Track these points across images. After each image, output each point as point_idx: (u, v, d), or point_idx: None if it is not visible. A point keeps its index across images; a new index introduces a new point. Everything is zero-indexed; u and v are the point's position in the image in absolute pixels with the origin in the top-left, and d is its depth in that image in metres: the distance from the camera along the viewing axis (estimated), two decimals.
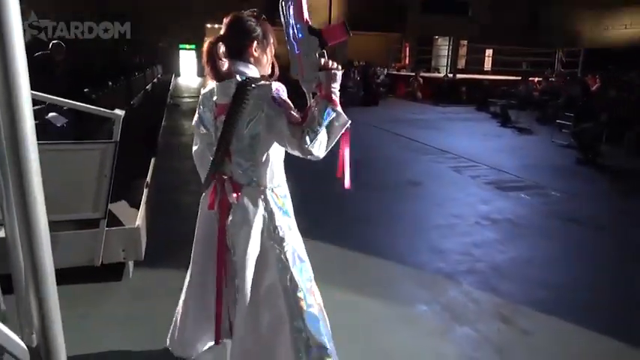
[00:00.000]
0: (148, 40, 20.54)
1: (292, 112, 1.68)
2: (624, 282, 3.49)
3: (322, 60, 1.67)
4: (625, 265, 3.77)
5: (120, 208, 3.65)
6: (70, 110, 4.92)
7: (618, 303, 3.15)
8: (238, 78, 1.74)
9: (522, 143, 9.42)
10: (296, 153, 1.68)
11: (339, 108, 1.65)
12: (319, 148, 1.64)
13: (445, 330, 2.70)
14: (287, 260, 1.81)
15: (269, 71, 1.87)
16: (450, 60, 19.11)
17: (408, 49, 24.13)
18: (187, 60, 27.37)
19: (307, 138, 1.60)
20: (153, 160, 5.02)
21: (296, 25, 1.68)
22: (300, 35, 1.68)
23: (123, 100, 8.98)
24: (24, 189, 0.69)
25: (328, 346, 1.82)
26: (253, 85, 1.70)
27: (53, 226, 0.90)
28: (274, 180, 1.84)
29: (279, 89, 1.72)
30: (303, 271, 1.86)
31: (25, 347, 0.71)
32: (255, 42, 1.78)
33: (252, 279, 1.82)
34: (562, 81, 13.76)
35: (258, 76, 1.79)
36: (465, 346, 2.56)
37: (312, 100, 1.72)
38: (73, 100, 2.99)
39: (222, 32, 1.80)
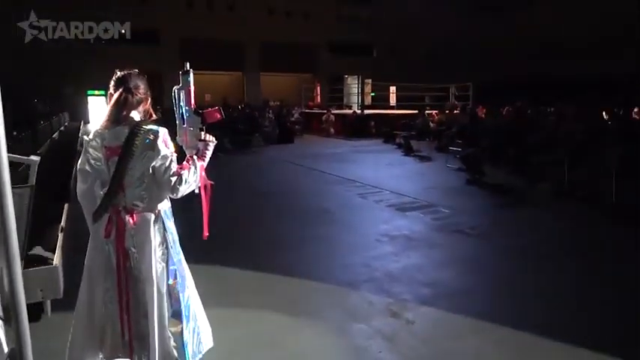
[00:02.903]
0: (53, 87, 19.85)
1: (174, 160, 2.20)
2: (497, 277, 4.20)
3: (202, 134, 2.28)
4: (497, 263, 4.52)
5: (36, 253, 3.75)
6: None
7: (489, 291, 3.82)
8: (127, 123, 2.19)
9: (422, 169, 10.45)
10: (163, 187, 2.20)
11: (203, 172, 2.28)
12: (182, 192, 2.21)
13: (343, 327, 3.16)
14: (168, 276, 2.30)
15: (148, 118, 2.34)
16: (358, 97, 20.52)
17: (319, 88, 25.45)
18: (97, 106, 26.50)
19: (182, 182, 2.17)
20: (66, 206, 5.09)
21: (185, 107, 2.27)
22: (187, 114, 2.27)
23: (30, 149, 8.75)
24: None
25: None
26: (144, 129, 2.16)
27: None
28: (164, 204, 2.30)
29: (166, 134, 2.21)
30: (181, 285, 2.35)
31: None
32: (148, 97, 2.31)
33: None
34: (453, 112, 15.38)
35: (145, 121, 2.25)
36: (359, 339, 3.03)
37: (190, 159, 2.27)
38: None
39: (126, 85, 2.22)
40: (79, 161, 2.32)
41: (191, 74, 2.28)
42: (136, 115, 2.25)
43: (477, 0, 24.64)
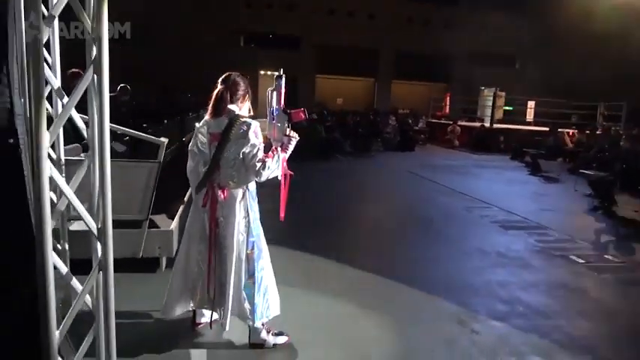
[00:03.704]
0: (207, 84, 22.47)
1: (261, 149, 2.63)
2: (586, 307, 3.90)
3: (287, 130, 2.70)
4: (593, 294, 4.17)
5: (160, 218, 4.53)
6: (129, 141, 5.97)
7: (571, 319, 3.58)
8: (227, 114, 2.66)
9: (545, 190, 9.71)
10: (249, 171, 2.63)
11: (284, 163, 2.71)
12: (265, 176, 2.65)
13: (403, 323, 3.30)
14: (247, 246, 2.75)
15: (246, 112, 2.80)
16: (492, 110, 19.59)
17: (448, 98, 24.78)
18: None
19: (265, 168, 2.61)
20: None
21: (275, 106, 2.71)
22: (276, 112, 2.72)
23: (176, 135, 10.20)
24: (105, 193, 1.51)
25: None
26: (240, 121, 2.62)
27: None
28: (250, 185, 2.75)
29: (257, 127, 2.65)
30: (257, 255, 2.79)
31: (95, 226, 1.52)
32: (247, 94, 2.76)
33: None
34: (595, 133, 13.91)
35: (243, 114, 2.71)
36: (415, 335, 3.15)
37: (274, 150, 2.69)
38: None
39: (226, 84, 2.71)
40: (190, 143, 2.87)
41: (283, 79, 2.70)
42: (235, 109, 2.71)
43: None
